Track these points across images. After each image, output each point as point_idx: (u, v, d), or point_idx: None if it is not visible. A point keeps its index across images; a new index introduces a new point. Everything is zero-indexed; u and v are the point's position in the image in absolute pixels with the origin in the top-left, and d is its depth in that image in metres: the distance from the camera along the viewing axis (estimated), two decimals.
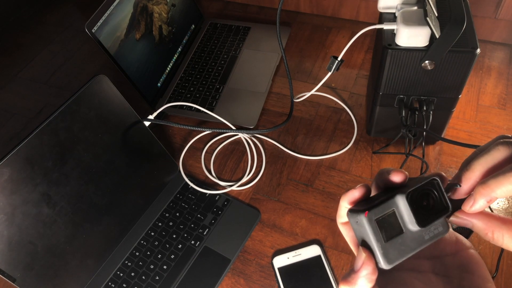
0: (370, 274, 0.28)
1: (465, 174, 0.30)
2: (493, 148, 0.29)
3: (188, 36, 1.01)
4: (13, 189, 0.55)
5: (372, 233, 0.28)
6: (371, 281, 0.28)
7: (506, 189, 0.27)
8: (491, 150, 0.29)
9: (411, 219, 0.28)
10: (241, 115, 0.86)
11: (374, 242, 0.28)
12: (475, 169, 0.30)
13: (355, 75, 0.92)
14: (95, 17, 0.75)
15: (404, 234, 0.29)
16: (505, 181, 0.27)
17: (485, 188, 0.28)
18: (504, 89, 0.86)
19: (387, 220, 0.28)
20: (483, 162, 0.29)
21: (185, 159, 0.83)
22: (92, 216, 0.65)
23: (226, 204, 0.75)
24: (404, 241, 0.29)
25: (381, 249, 0.28)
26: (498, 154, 0.29)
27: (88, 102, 0.62)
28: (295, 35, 1.03)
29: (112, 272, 0.69)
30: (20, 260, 0.58)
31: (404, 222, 0.29)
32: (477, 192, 0.29)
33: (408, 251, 0.29)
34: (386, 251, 0.28)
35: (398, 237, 0.29)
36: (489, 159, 0.29)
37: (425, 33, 0.60)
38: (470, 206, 0.29)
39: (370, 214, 0.28)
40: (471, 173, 0.30)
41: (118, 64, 0.80)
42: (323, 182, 0.76)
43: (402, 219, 0.29)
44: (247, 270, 0.68)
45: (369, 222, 0.28)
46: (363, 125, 0.83)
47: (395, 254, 0.28)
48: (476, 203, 0.29)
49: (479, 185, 0.29)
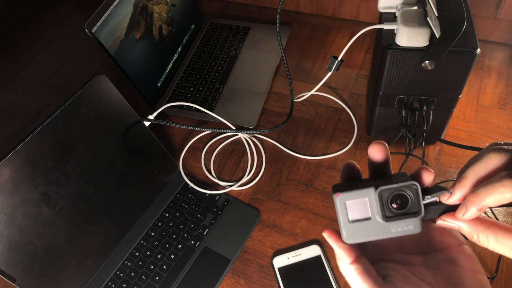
0: (339, 241, 0.33)
1: (459, 181, 0.32)
2: (485, 156, 0.30)
3: (188, 36, 1.01)
4: (13, 189, 0.55)
5: (339, 212, 0.32)
6: (346, 248, 0.33)
7: (495, 198, 0.28)
8: (483, 158, 0.30)
9: (378, 212, 0.32)
10: (241, 115, 0.86)
11: (340, 219, 0.32)
12: (469, 176, 0.31)
13: (355, 75, 0.92)
14: (95, 17, 0.75)
15: (371, 220, 0.32)
16: (494, 191, 0.28)
17: (475, 197, 0.29)
18: (504, 89, 0.86)
19: (356, 205, 0.32)
20: (476, 169, 0.31)
21: (185, 159, 0.83)
22: (92, 216, 0.65)
23: (226, 204, 0.75)
24: (370, 226, 0.32)
25: (344, 225, 0.32)
26: (489, 162, 0.30)
27: (88, 102, 0.62)
28: (295, 35, 1.03)
29: (112, 272, 0.69)
30: (20, 260, 0.58)
31: (373, 211, 0.32)
32: (468, 201, 0.30)
33: (371, 236, 0.32)
34: (348, 229, 0.32)
35: (365, 222, 0.32)
36: (482, 167, 0.30)
37: (425, 33, 0.60)
38: (463, 214, 0.31)
39: (342, 196, 0.32)
40: (465, 180, 0.31)
41: (118, 64, 0.80)
42: (323, 182, 0.76)
43: (372, 208, 0.32)
44: (247, 270, 0.68)
45: (340, 203, 0.32)
46: (363, 125, 0.83)
47: (357, 234, 0.32)
48: (467, 211, 0.30)
49: (470, 194, 0.30)
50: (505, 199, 0.28)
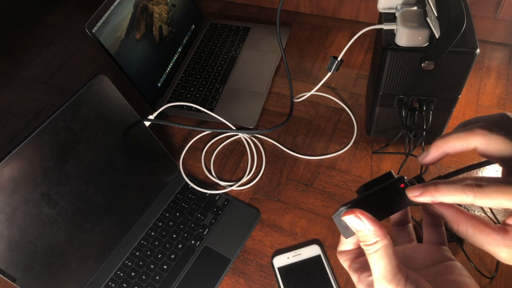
0: (374, 220, 0.32)
1: (437, 142, 0.32)
2: (471, 130, 0.31)
3: (188, 36, 1.01)
4: (14, 189, 0.56)
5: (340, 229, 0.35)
6: (380, 227, 0.32)
7: (453, 199, 0.29)
8: (468, 130, 0.31)
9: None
10: (241, 115, 0.86)
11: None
12: (447, 140, 0.32)
13: (355, 75, 0.92)
14: (96, 17, 0.75)
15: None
16: (455, 193, 0.29)
17: (436, 191, 0.30)
18: (503, 89, 0.86)
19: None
20: (456, 136, 0.31)
21: (185, 159, 0.83)
22: (92, 216, 0.66)
23: (226, 204, 0.75)
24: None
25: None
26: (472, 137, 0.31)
27: (89, 102, 0.62)
28: (295, 35, 1.03)
29: (112, 272, 0.69)
30: (21, 260, 0.58)
31: None
32: (427, 190, 0.31)
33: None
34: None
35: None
36: (462, 137, 0.31)
37: (425, 33, 0.60)
38: (414, 196, 0.32)
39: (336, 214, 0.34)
40: (441, 142, 0.32)
41: (119, 64, 0.80)
42: (323, 182, 0.77)
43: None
44: (247, 270, 0.68)
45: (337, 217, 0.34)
46: (363, 125, 0.83)
47: None
48: (421, 196, 0.31)
49: (431, 185, 0.30)
50: (462, 202, 0.29)
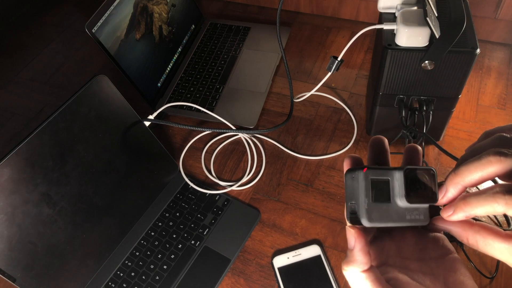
0: (364, 246, 0.30)
1: (451, 177, 0.30)
2: (485, 158, 0.28)
3: (188, 36, 1.01)
4: (13, 189, 0.56)
5: (364, 188, 0.30)
6: (365, 253, 0.30)
7: (485, 210, 0.28)
8: (482, 159, 0.28)
9: (402, 192, 0.30)
10: (241, 115, 0.86)
11: (363, 197, 0.30)
12: (463, 175, 0.29)
13: (355, 75, 0.92)
14: (95, 17, 0.75)
15: (390, 204, 0.31)
16: (485, 204, 0.27)
17: (466, 205, 0.29)
18: (504, 89, 0.86)
19: (380, 184, 0.30)
20: (472, 169, 0.29)
21: (185, 159, 0.83)
22: (92, 216, 0.65)
23: (226, 204, 0.75)
24: (388, 210, 0.31)
25: (367, 205, 0.30)
26: (488, 166, 0.28)
27: (88, 102, 0.62)
28: (295, 35, 1.03)
29: (112, 272, 0.69)
30: (20, 260, 0.58)
31: (394, 194, 0.31)
32: (457, 206, 0.29)
33: (389, 220, 0.31)
34: (370, 209, 0.30)
35: (384, 204, 0.30)
36: (478, 170, 0.29)
37: (425, 33, 0.60)
38: (448, 216, 0.30)
39: (368, 172, 0.30)
40: (458, 178, 0.30)
41: (118, 64, 0.80)
42: (323, 182, 0.77)
43: (393, 190, 0.31)
44: (247, 270, 0.68)
45: (365, 178, 0.30)
46: (363, 125, 0.83)
47: (377, 216, 0.30)
48: (455, 215, 0.30)
49: (460, 200, 0.29)
50: (495, 213, 0.27)
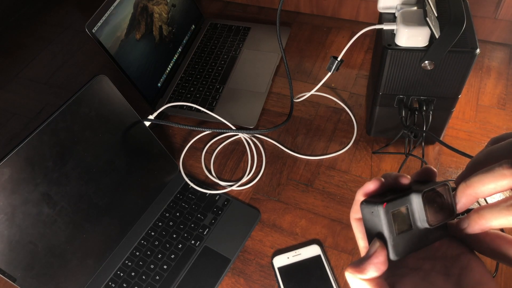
0: (380, 264, 0.29)
1: (463, 188, 0.29)
2: (498, 171, 0.27)
3: (188, 36, 1.01)
4: (13, 189, 0.56)
5: (387, 224, 0.29)
6: (379, 270, 0.29)
7: (500, 223, 0.27)
8: (495, 172, 0.27)
9: (423, 216, 0.29)
10: (241, 115, 0.86)
11: (387, 233, 0.29)
12: (474, 186, 0.28)
13: (355, 75, 0.92)
14: (96, 17, 0.75)
15: (412, 230, 0.30)
16: (500, 217, 0.27)
17: (480, 218, 0.28)
18: (503, 89, 0.86)
19: (400, 214, 0.29)
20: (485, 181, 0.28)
21: (185, 159, 0.83)
22: (92, 216, 0.66)
23: (226, 204, 0.75)
24: (412, 237, 0.30)
25: (393, 241, 0.29)
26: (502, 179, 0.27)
27: (89, 102, 0.62)
28: (295, 35, 1.03)
29: (112, 272, 0.69)
30: (21, 260, 0.58)
31: (414, 220, 0.30)
32: (472, 220, 0.29)
33: (413, 248, 0.30)
34: (396, 244, 0.29)
35: (407, 233, 0.30)
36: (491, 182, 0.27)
37: (425, 33, 0.60)
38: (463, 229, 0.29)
39: (388, 206, 0.29)
40: (469, 189, 0.29)
41: (118, 64, 0.80)
42: (323, 182, 0.77)
43: (413, 216, 0.30)
44: (247, 270, 0.68)
45: (386, 214, 0.29)
46: (363, 125, 0.83)
47: (403, 247, 0.29)
48: (470, 228, 0.29)
49: (475, 213, 0.28)
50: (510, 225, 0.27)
